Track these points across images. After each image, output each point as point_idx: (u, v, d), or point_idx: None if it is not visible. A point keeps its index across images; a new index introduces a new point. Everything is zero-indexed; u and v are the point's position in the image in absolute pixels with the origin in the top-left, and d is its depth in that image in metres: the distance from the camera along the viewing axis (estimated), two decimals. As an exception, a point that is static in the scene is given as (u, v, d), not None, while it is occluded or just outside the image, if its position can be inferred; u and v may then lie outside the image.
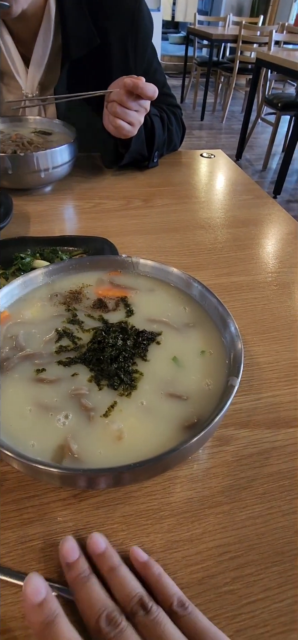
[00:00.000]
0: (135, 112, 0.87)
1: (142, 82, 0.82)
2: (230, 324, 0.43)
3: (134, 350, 0.42)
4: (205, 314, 0.48)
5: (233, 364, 0.39)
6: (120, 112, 0.86)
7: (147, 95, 0.84)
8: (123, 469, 0.30)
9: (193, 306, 0.49)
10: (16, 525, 0.37)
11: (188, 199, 1.00)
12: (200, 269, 0.75)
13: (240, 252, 0.81)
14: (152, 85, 0.83)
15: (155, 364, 0.42)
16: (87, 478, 0.31)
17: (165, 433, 0.36)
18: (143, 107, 0.88)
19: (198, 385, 0.40)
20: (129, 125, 0.88)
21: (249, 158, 4.33)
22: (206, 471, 0.44)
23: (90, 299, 0.49)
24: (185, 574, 0.36)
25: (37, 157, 0.84)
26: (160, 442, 0.35)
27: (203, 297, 0.48)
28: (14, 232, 0.76)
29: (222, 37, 4.95)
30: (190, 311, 0.48)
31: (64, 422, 0.36)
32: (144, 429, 0.36)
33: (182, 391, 0.40)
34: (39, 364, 0.41)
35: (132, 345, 0.42)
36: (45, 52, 0.96)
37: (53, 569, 0.35)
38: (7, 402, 0.38)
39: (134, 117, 0.88)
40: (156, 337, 0.45)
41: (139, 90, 0.82)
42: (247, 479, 0.43)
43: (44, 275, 0.50)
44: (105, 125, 0.92)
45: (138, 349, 0.42)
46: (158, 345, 0.44)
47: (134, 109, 0.87)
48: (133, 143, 0.96)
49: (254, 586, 0.36)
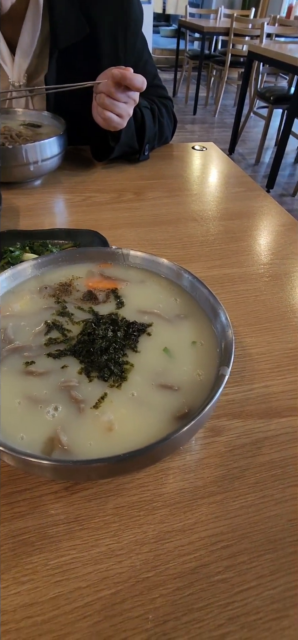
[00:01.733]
0: (124, 104, 0.87)
1: (130, 73, 0.81)
2: (221, 314, 0.43)
3: (124, 341, 0.42)
4: (196, 304, 0.47)
5: (225, 354, 0.39)
6: (108, 103, 0.85)
7: (135, 87, 0.83)
8: (113, 460, 0.30)
9: (185, 297, 0.48)
10: (7, 519, 0.37)
11: (181, 192, 1.00)
12: (193, 261, 0.75)
13: (233, 244, 0.81)
14: (140, 76, 0.82)
15: (146, 355, 0.42)
16: (76, 469, 0.31)
17: (157, 424, 0.36)
18: (132, 98, 0.87)
19: (189, 375, 0.40)
20: (117, 117, 0.87)
21: (242, 152, 4.33)
22: (199, 462, 0.44)
23: (80, 291, 0.49)
24: (177, 563, 0.36)
25: (26, 150, 0.83)
26: (151, 433, 0.35)
27: (194, 288, 0.48)
28: (3, 226, 0.75)
29: (213, 29, 4.93)
30: (181, 302, 0.48)
31: (54, 414, 0.36)
32: (134, 420, 0.36)
33: (173, 382, 0.39)
34: (28, 356, 0.40)
35: (122, 337, 0.42)
36: (33, 40, 0.94)
37: (45, 562, 0.35)
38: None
39: (123, 108, 0.87)
40: (147, 328, 0.44)
41: (127, 81, 0.81)
42: (239, 469, 0.43)
43: (33, 268, 0.50)
44: (94, 116, 0.91)
45: (128, 340, 0.42)
46: (149, 337, 0.44)
47: (122, 101, 0.86)
48: (123, 135, 0.95)
49: (247, 574, 0.36)
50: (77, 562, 0.35)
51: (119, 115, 0.87)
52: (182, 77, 6.09)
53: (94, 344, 0.40)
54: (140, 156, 1.06)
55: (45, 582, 0.34)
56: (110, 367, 0.39)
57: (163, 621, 0.32)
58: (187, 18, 5.33)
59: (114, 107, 0.85)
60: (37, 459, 0.30)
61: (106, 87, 0.84)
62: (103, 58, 0.99)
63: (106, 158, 1.03)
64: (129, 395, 0.38)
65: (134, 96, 0.87)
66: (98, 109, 0.87)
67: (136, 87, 0.83)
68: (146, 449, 0.31)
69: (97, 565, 0.35)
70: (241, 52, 4.84)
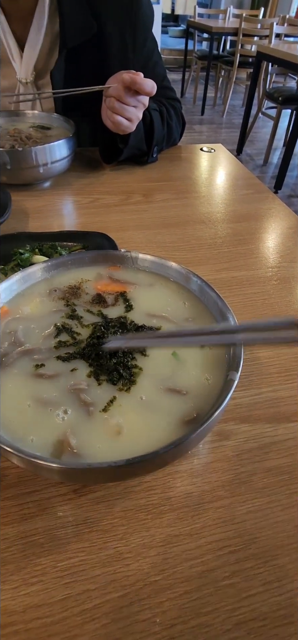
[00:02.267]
0: (134, 108, 0.87)
1: (140, 78, 0.81)
2: (230, 319, 0.43)
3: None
4: (205, 308, 0.48)
5: (233, 359, 0.39)
6: (118, 107, 0.85)
7: (145, 91, 0.83)
8: (121, 464, 0.30)
9: (193, 301, 0.48)
10: (16, 520, 0.37)
11: (189, 194, 1.00)
12: (201, 264, 0.75)
13: (241, 246, 0.81)
14: (150, 81, 0.83)
15: (155, 358, 0.42)
16: (84, 472, 0.31)
17: (165, 428, 0.36)
18: (141, 102, 0.88)
19: (197, 380, 0.40)
20: (127, 121, 0.88)
21: (250, 153, 4.31)
22: (206, 466, 0.44)
23: (89, 294, 0.49)
24: (185, 567, 0.36)
25: (36, 152, 0.83)
26: (160, 437, 0.35)
27: (203, 291, 0.48)
28: (12, 228, 0.76)
29: (222, 30, 4.91)
30: (189, 306, 0.48)
31: (63, 417, 0.36)
32: (143, 423, 0.36)
33: (182, 386, 0.40)
34: (38, 359, 0.40)
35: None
36: (40, 37, 0.95)
37: (54, 563, 0.35)
38: (7, 397, 0.38)
39: (132, 112, 0.87)
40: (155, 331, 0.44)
41: (137, 86, 0.81)
42: (247, 474, 0.43)
43: (42, 271, 0.50)
44: (104, 120, 0.92)
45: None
46: None
47: (132, 105, 0.86)
48: (131, 139, 0.95)
49: (254, 580, 0.36)
50: (86, 564, 0.35)
51: (128, 119, 0.88)
52: (190, 77, 6.08)
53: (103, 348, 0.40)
54: (148, 158, 1.07)
55: (54, 584, 0.34)
56: (119, 370, 0.39)
57: (171, 625, 0.33)
58: (195, 18, 5.33)
59: (123, 111, 0.86)
60: (45, 462, 0.31)
61: (116, 91, 0.84)
62: (111, 58, 1.00)
63: (115, 160, 1.03)
64: (138, 398, 0.38)
65: (144, 100, 0.88)
66: (107, 112, 0.88)
67: (146, 92, 0.83)
68: (155, 453, 0.31)
69: (105, 567, 0.35)
70: (250, 52, 4.82)
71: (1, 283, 0.46)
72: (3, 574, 0.34)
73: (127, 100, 0.84)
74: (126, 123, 0.88)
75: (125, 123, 0.88)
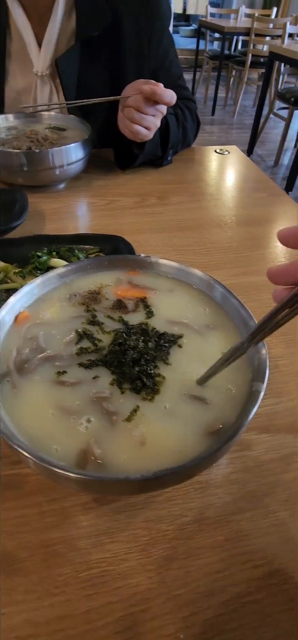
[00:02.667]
0: (152, 117, 0.87)
1: (160, 89, 0.81)
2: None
3: (155, 352, 0.41)
4: (226, 316, 0.47)
5: (258, 369, 0.38)
6: (137, 118, 0.85)
7: (164, 102, 0.83)
8: (149, 477, 0.30)
9: (214, 308, 0.48)
10: (38, 529, 0.37)
11: (203, 196, 0.99)
12: (217, 268, 0.74)
13: (258, 251, 0.80)
14: (170, 92, 0.83)
15: (177, 367, 0.41)
16: (111, 486, 0.31)
17: (189, 438, 0.36)
18: (160, 111, 0.87)
19: (220, 389, 0.40)
20: (145, 129, 0.88)
21: (261, 153, 4.28)
22: (227, 476, 0.43)
23: (110, 300, 0.49)
24: (208, 581, 0.35)
25: (52, 154, 0.83)
26: (185, 448, 0.35)
27: (225, 299, 0.47)
28: (29, 230, 0.76)
29: (234, 29, 4.88)
30: (210, 313, 0.47)
31: (87, 426, 0.36)
32: (167, 434, 0.36)
33: (205, 395, 0.39)
34: (59, 366, 0.40)
35: (153, 348, 0.42)
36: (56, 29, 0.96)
37: (76, 574, 0.35)
38: (29, 404, 0.37)
39: (151, 122, 0.87)
40: (177, 339, 0.44)
41: (157, 97, 0.81)
42: (269, 485, 0.42)
43: (62, 275, 0.50)
44: (121, 129, 0.91)
45: (160, 351, 0.42)
46: (180, 349, 0.43)
47: (150, 114, 0.86)
48: (147, 145, 0.95)
49: (278, 596, 0.35)
50: (108, 575, 0.35)
51: (146, 128, 0.87)
52: (201, 77, 6.05)
53: (126, 354, 0.40)
54: (163, 161, 1.06)
55: (76, 595, 0.34)
56: (142, 379, 0.38)
57: (196, 641, 0.32)
58: (207, 18, 5.30)
59: (142, 121, 0.86)
60: (70, 472, 0.30)
61: (135, 102, 0.84)
62: (126, 53, 0.99)
63: (129, 166, 1.03)
64: (161, 408, 0.37)
65: (162, 109, 0.88)
66: (126, 122, 0.87)
67: (165, 103, 0.83)
68: (182, 467, 0.31)
69: (127, 579, 0.35)
70: (262, 52, 4.78)
71: (23, 287, 0.45)
72: (26, 584, 0.34)
73: (146, 110, 0.84)
74: (145, 132, 0.88)
75: (143, 132, 0.88)
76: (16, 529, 0.37)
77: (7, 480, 0.40)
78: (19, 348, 0.42)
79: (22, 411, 0.37)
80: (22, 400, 0.38)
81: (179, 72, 1.14)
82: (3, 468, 0.41)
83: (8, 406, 0.37)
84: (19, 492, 0.40)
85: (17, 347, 0.42)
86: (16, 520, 0.38)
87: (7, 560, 0.35)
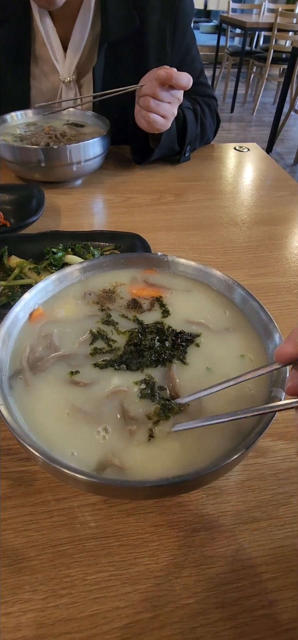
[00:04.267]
0: (168, 105, 0.85)
1: (175, 72, 0.79)
2: (275, 333, 0.40)
3: (173, 352, 0.41)
4: (246, 319, 0.45)
5: (277, 374, 0.37)
6: (153, 105, 0.83)
7: (181, 85, 0.81)
8: (162, 484, 0.29)
9: (234, 310, 0.46)
10: (46, 527, 0.37)
11: (222, 194, 0.97)
12: (235, 267, 0.73)
13: (277, 251, 0.78)
14: (185, 75, 0.81)
15: (195, 366, 0.40)
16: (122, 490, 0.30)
17: (215, 441, 0.35)
18: (176, 97, 0.86)
19: (239, 389, 0.38)
20: (162, 118, 0.86)
21: (280, 151, 4.20)
22: (241, 484, 0.42)
23: (124, 299, 0.48)
24: (219, 592, 0.34)
25: (70, 150, 0.83)
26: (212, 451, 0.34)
27: (245, 301, 0.45)
28: (45, 226, 0.76)
29: (256, 25, 4.79)
30: (230, 315, 0.46)
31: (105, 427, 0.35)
32: (186, 439, 0.35)
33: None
34: (73, 365, 0.39)
35: (170, 347, 0.41)
36: (83, 36, 0.96)
37: (83, 576, 0.34)
38: (42, 403, 0.37)
39: (167, 109, 0.86)
40: (195, 338, 0.43)
41: (173, 81, 0.80)
42: (285, 495, 0.41)
43: (78, 272, 0.49)
44: (137, 121, 0.90)
45: (177, 350, 0.41)
46: (198, 348, 0.42)
47: (166, 101, 0.84)
48: (163, 138, 0.93)
49: (293, 612, 0.33)
50: (116, 579, 0.34)
51: (163, 117, 0.86)
52: (221, 73, 5.97)
53: (143, 356, 0.39)
54: (180, 158, 1.05)
55: (83, 598, 0.33)
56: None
57: (205, 654, 0.31)
58: (229, 13, 5.22)
59: (158, 109, 0.84)
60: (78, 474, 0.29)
61: (150, 88, 0.83)
62: (149, 51, 0.99)
63: (146, 161, 1.02)
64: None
65: (178, 95, 0.86)
66: (142, 112, 0.86)
67: (182, 86, 0.82)
68: (196, 473, 0.30)
69: (135, 585, 0.34)
70: (284, 47, 4.68)
71: (38, 284, 0.45)
72: (32, 583, 0.34)
73: (162, 96, 0.83)
74: (161, 120, 0.86)
75: (160, 121, 0.86)
76: (25, 527, 0.37)
77: (17, 477, 0.40)
78: (32, 345, 0.41)
79: (35, 409, 0.36)
80: (35, 398, 0.37)
81: (201, 68, 1.12)
82: (13, 464, 0.41)
83: (20, 403, 0.36)
84: (28, 489, 0.39)
85: (31, 344, 0.41)
86: (25, 517, 0.37)
87: (15, 558, 0.35)
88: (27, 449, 0.31)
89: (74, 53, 0.98)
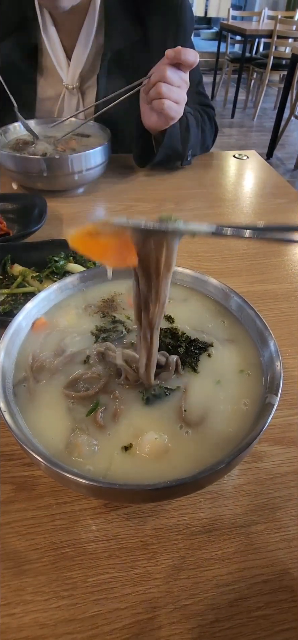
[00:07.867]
0: (178, 89, 0.85)
1: (182, 49, 0.80)
2: (270, 341, 0.41)
3: (186, 358, 0.42)
4: (243, 328, 0.46)
5: (271, 382, 0.38)
6: (165, 90, 0.83)
7: (188, 62, 0.81)
8: (160, 487, 0.30)
9: (231, 319, 0.47)
10: (48, 530, 0.38)
11: (221, 202, 0.98)
12: (233, 275, 0.74)
13: (275, 258, 0.79)
14: (192, 50, 0.81)
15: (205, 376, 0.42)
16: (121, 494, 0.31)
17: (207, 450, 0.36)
18: (184, 80, 0.86)
19: (235, 404, 0.39)
20: (175, 104, 0.86)
21: (280, 157, 4.22)
22: (238, 487, 0.43)
23: (126, 310, 0.49)
24: (216, 594, 0.35)
25: (72, 160, 0.85)
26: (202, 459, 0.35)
27: (241, 309, 0.47)
28: (47, 234, 0.77)
29: (256, 32, 4.84)
30: (228, 325, 0.47)
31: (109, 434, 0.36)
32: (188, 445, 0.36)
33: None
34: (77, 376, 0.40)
35: (183, 353, 0.42)
36: (87, 46, 0.99)
37: (84, 578, 0.35)
38: (45, 411, 0.38)
39: (179, 93, 0.86)
40: (208, 347, 0.44)
41: (181, 57, 0.80)
42: (281, 499, 0.42)
43: (78, 281, 0.50)
44: (147, 119, 0.91)
45: (190, 357, 0.42)
46: (209, 358, 0.43)
47: (176, 85, 0.84)
48: (167, 138, 0.94)
49: (288, 613, 0.34)
50: (116, 581, 0.35)
51: (176, 102, 0.86)
52: (221, 80, 6.01)
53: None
54: (183, 161, 1.06)
55: (84, 599, 0.34)
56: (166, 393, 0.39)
57: (202, 654, 0.32)
58: (229, 21, 5.26)
59: (170, 94, 0.84)
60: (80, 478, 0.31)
61: (159, 72, 0.83)
62: (151, 62, 1.00)
63: (149, 163, 1.03)
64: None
65: (186, 77, 0.86)
66: (154, 103, 0.86)
67: (190, 63, 0.82)
68: (192, 478, 0.31)
69: (135, 587, 0.35)
70: (284, 54, 4.71)
71: (40, 293, 0.46)
72: (35, 585, 0.35)
73: (172, 78, 0.83)
74: (175, 107, 0.86)
75: (174, 107, 0.86)
76: (28, 530, 0.38)
77: (20, 482, 0.41)
78: (35, 354, 0.43)
79: (38, 417, 0.37)
80: (38, 406, 0.38)
81: (199, 78, 1.14)
82: (17, 469, 0.42)
83: (24, 411, 0.38)
84: (30, 493, 0.40)
85: (34, 352, 0.43)
86: (28, 521, 0.38)
87: (18, 560, 0.36)
88: (30, 454, 0.32)
89: (77, 62, 1.01)
